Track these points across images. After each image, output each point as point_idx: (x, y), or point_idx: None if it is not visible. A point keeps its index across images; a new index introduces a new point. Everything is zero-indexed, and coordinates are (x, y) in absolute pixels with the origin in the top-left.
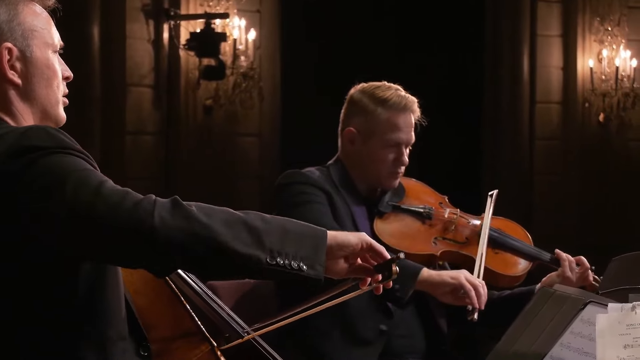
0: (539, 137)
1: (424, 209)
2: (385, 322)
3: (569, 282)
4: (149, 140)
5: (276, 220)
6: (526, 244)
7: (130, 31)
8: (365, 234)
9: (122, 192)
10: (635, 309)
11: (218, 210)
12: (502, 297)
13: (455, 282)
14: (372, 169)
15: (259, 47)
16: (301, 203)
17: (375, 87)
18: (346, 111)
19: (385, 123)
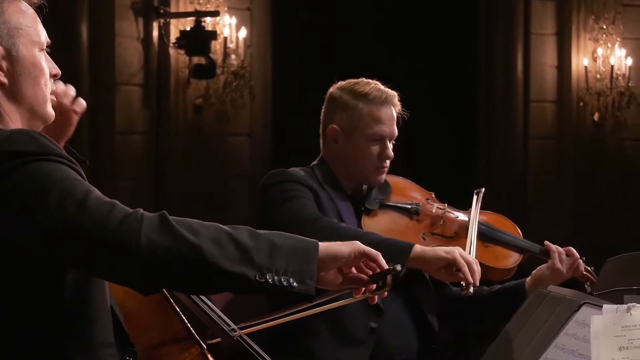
0: (533, 136)
1: (411, 205)
2: (375, 319)
3: (559, 274)
4: (139, 139)
5: (266, 235)
6: (516, 237)
7: (119, 29)
8: (358, 241)
9: (108, 206)
10: (631, 310)
11: (207, 227)
12: (492, 292)
13: (450, 257)
14: (357, 165)
15: (250, 46)
16: (288, 199)
17: (354, 83)
18: (327, 109)
19: (368, 117)
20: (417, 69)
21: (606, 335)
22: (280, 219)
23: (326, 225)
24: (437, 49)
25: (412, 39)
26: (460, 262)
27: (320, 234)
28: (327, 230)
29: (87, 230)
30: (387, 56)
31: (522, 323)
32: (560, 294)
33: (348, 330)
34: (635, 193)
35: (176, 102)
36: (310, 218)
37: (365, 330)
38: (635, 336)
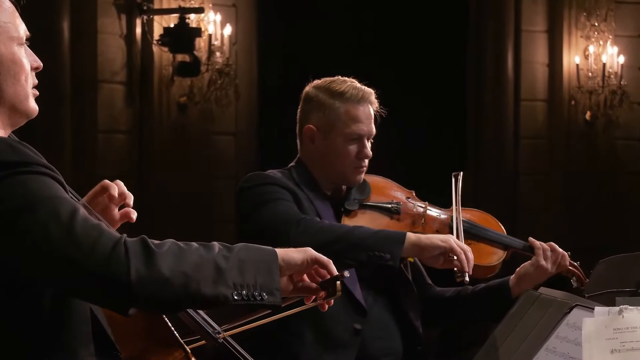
0: (523, 135)
1: (391, 204)
2: (359, 321)
3: (544, 271)
4: (121, 138)
5: (235, 252)
6: (499, 233)
7: (102, 26)
8: (311, 248)
9: (94, 233)
10: (623, 312)
11: (185, 251)
12: (476, 291)
13: (446, 245)
14: (335, 165)
15: (235, 43)
16: (268, 201)
17: (330, 81)
18: (303, 109)
19: (345, 116)
20: (406, 67)
21: (598, 338)
22: (261, 222)
23: (311, 225)
24: (426, 46)
25: (401, 36)
26: (457, 249)
27: (306, 234)
28: (312, 229)
29: (75, 259)
30: (375, 53)
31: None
32: (551, 296)
33: (332, 332)
34: (627, 193)
35: (160, 101)
36: (294, 219)
37: (350, 332)
38: (628, 339)
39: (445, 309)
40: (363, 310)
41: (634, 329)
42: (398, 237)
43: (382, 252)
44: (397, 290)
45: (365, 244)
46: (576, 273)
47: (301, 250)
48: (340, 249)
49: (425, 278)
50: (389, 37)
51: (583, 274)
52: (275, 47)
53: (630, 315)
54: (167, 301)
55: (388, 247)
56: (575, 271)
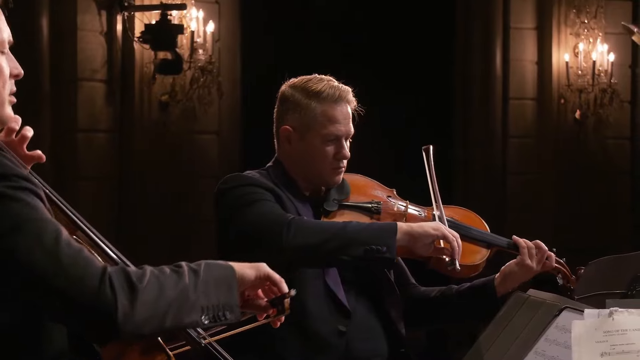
0: (512, 135)
1: (371, 204)
2: (343, 322)
3: (529, 269)
4: (102, 138)
5: (201, 274)
6: (482, 231)
7: (82, 23)
8: (265, 264)
9: (81, 262)
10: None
11: (165, 285)
12: (461, 290)
13: (438, 233)
14: (313, 166)
15: (218, 40)
16: (251, 202)
17: (306, 80)
18: (279, 109)
19: (321, 117)
20: (392, 65)
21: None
22: (246, 224)
23: (302, 225)
24: (412, 44)
25: (387, 34)
26: (449, 236)
27: (299, 236)
28: (304, 230)
29: (63, 291)
30: (362, 51)
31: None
32: (540, 298)
33: (316, 334)
34: (618, 193)
35: (141, 99)
36: (283, 220)
37: (334, 334)
38: (618, 342)
39: (430, 309)
40: (347, 311)
41: (624, 332)
42: (391, 229)
43: (377, 245)
44: (379, 291)
45: (360, 239)
46: (562, 270)
47: (254, 267)
48: (336, 246)
49: (409, 277)
50: (375, 35)
51: (569, 271)
52: (259, 44)
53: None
54: (148, 333)
55: (383, 240)
56: (562, 268)
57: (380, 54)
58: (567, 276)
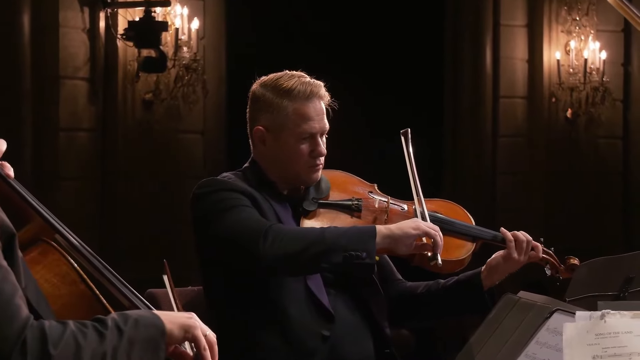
0: (502, 134)
1: (351, 201)
2: (327, 327)
3: (516, 262)
4: (84, 137)
5: (126, 332)
6: (467, 224)
7: (64, 20)
8: (196, 319)
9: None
10: (605, 317)
11: (82, 345)
12: (447, 285)
13: (419, 232)
14: (289, 165)
15: (203, 37)
16: (228, 208)
17: (277, 78)
18: (251, 109)
19: (294, 115)
20: (381, 63)
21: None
22: (223, 232)
23: (280, 234)
24: (401, 41)
25: (376, 31)
26: (431, 232)
27: (276, 246)
28: (281, 239)
29: None
30: (349, 50)
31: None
32: (531, 301)
33: (299, 339)
34: (610, 194)
35: (124, 98)
36: (261, 229)
37: (318, 339)
38: (610, 344)
39: (417, 305)
40: (330, 315)
41: (616, 334)
42: (370, 233)
43: (356, 251)
44: (363, 292)
45: (338, 245)
46: (550, 261)
47: (185, 327)
48: (314, 254)
49: (394, 274)
50: (364, 33)
51: (558, 261)
52: (245, 41)
53: (612, 320)
54: None
55: (362, 245)
56: (549, 259)
57: (368, 52)
58: (556, 266)
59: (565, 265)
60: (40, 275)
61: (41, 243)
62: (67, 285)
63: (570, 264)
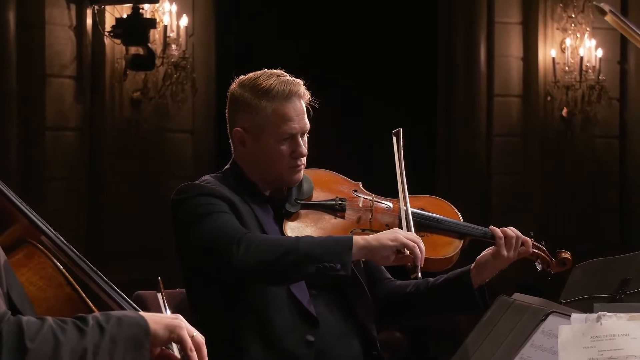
0: (497, 133)
1: (335, 201)
2: (311, 332)
3: (506, 260)
4: (71, 136)
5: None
6: (454, 221)
7: (50, 17)
8: (181, 320)
9: None
10: (601, 319)
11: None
12: (437, 284)
13: (397, 244)
14: (270, 167)
15: (192, 35)
16: (204, 215)
17: (255, 78)
18: (230, 110)
19: (273, 116)
20: (373, 61)
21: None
22: (200, 239)
23: (253, 242)
24: (394, 39)
25: (368, 27)
26: (409, 244)
27: (249, 254)
28: (254, 247)
29: None
30: (340, 47)
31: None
32: (525, 303)
33: (283, 345)
34: (606, 194)
35: (112, 96)
36: (234, 236)
37: (302, 345)
38: (606, 347)
39: (406, 304)
40: (314, 320)
41: (613, 337)
42: (346, 243)
43: (331, 262)
44: (349, 295)
45: (313, 256)
46: (541, 255)
47: (170, 327)
48: (287, 264)
49: (383, 273)
50: (355, 31)
51: (549, 255)
52: (235, 39)
53: (608, 322)
54: None
55: (337, 256)
56: (540, 253)
57: (361, 50)
58: (547, 260)
59: (556, 259)
60: (25, 278)
61: (27, 245)
62: (53, 288)
63: (561, 257)
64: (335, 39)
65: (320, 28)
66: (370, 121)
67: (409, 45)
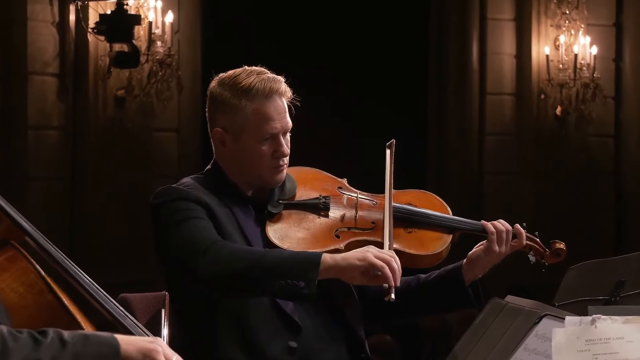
0: (489, 132)
1: (318, 200)
2: (294, 338)
3: (498, 255)
4: (54, 135)
5: (69, 345)
6: (443, 216)
7: (32, 13)
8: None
9: None
10: (596, 322)
11: (9, 351)
12: (427, 280)
13: (365, 264)
14: (251, 167)
15: (178, 31)
16: (178, 221)
17: (235, 76)
18: (209, 110)
19: (253, 116)
20: (363, 58)
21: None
22: (171, 248)
23: (220, 252)
24: (384, 36)
25: (358, 24)
26: (378, 264)
27: (215, 264)
28: (221, 257)
29: None
30: (331, 44)
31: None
32: (518, 305)
33: (265, 353)
34: (601, 194)
35: (95, 94)
36: (202, 246)
37: (284, 351)
38: (601, 351)
39: (398, 302)
40: (297, 326)
41: (607, 340)
42: (313, 261)
43: (295, 279)
44: (335, 297)
45: (278, 272)
46: (534, 247)
47: (144, 350)
48: (251, 279)
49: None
50: (345, 28)
51: (542, 246)
52: (221, 36)
53: (603, 325)
54: None
55: (303, 274)
56: (533, 245)
57: (351, 48)
58: (540, 252)
59: (550, 250)
60: (6, 284)
61: (9, 248)
62: (34, 295)
63: (556, 248)
64: (325, 35)
65: (310, 24)
66: (360, 120)
67: (399, 42)
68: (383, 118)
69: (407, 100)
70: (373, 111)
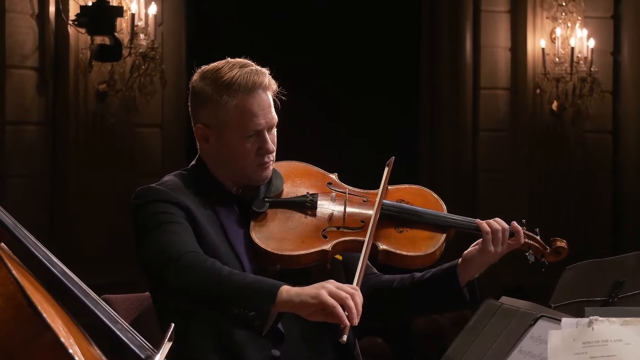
0: (483, 128)
1: (305, 197)
2: (277, 346)
3: (494, 255)
4: (33, 131)
5: None
6: (437, 213)
7: (10, 4)
8: None
9: None
10: (593, 324)
11: None
12: (422, 280)
13: (316, 302)
14: (235, 165)
15: (161, 24)
16: (155, 226)
17: (217, 70)
18: (192, 105)
19: (236, 112)
20: (355, 52)
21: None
22: (146, 252)
23: (189, 265)
24: (376, 29)
25: (349, 16)
26: (329, 304)
27: (182, 277)
28: (189, 272)
29: None
30: (321, 38)
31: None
32: (513, 307)
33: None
34: (598, 192)
35: (76, 89)
36: (176, 254)
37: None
38: (598, 353)
39: (391, 300)
40: (279, 334)
41: (605, 343)
42: (269, 293)
43: (249, 309)
44: None
45: (235, 298)
46: (533, 245)
47: None
48: (212, 301)
49: (369, 267)
50: (335, 21)
51: (542, 244)
52: (206, 28)
53: (600, 327)
54: None
55: (257, 306)
56: (533, 243)
57: (342, 41)
58: (540, 250)
59: (551, 248)
60: None
61: None
62: (12, 309)
63: (556, 246)
64: (314, 28)
65: (297, 20)
66: (351, 115)
67: (391, 35)
68: (374, 113)
69: (399, 94)
70: (364, 106)
